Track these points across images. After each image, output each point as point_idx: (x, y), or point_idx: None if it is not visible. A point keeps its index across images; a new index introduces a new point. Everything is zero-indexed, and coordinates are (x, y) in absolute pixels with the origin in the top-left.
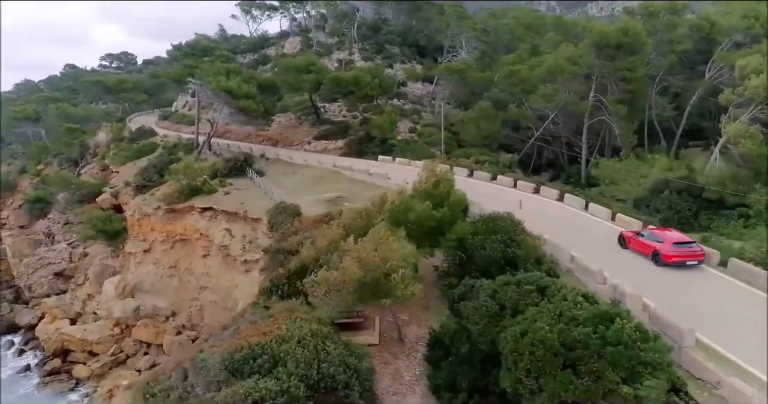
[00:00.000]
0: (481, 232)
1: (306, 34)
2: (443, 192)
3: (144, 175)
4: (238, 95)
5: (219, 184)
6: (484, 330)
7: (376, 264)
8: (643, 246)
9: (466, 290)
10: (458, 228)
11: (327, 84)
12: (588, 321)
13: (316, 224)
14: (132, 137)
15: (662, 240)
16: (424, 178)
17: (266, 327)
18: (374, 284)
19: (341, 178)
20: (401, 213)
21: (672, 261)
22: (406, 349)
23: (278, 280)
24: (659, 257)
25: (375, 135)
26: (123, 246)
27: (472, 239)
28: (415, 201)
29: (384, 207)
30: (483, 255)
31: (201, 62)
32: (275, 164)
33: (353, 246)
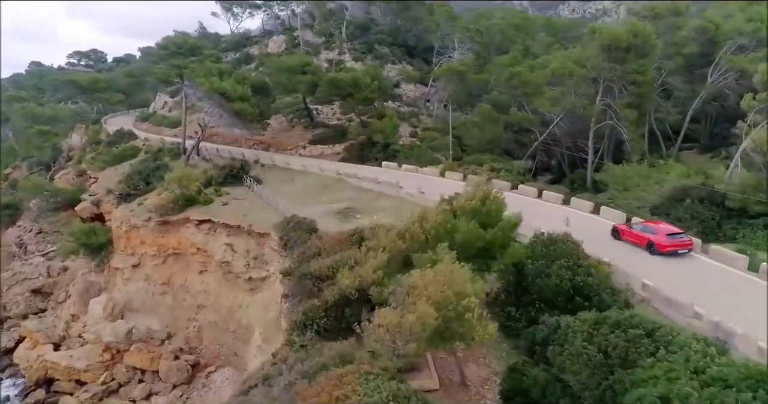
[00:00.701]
0: (540, 256)
1: (290, 32)
2: (492, 209)
3: (128, 183)
4: (232, 97)
5: (215, 193)
6: (588, 383)
7: (450, 302)
8: (638, 237)
9: (549, 331)
10: (512, 252)
11: (324, 86)
12: (741, 382)
13: (342, 243)
14: (110, 140)
15: (656, 231)
16: (468, 194)
17: (333, 388)
18: (446, 325)
19: (346, 186)
20: (445, 233)
21: (666, 250)
22: (472, 395)
23: (313, 313)
24: (654, 247)
25: (377, 140)
26: (108, 261)
27: (533, 264)
28: (461, 220)
29: (426, 228)
30: (548, 284)
31: (189, 62)
32: (272, 170)
33: (420, 280)
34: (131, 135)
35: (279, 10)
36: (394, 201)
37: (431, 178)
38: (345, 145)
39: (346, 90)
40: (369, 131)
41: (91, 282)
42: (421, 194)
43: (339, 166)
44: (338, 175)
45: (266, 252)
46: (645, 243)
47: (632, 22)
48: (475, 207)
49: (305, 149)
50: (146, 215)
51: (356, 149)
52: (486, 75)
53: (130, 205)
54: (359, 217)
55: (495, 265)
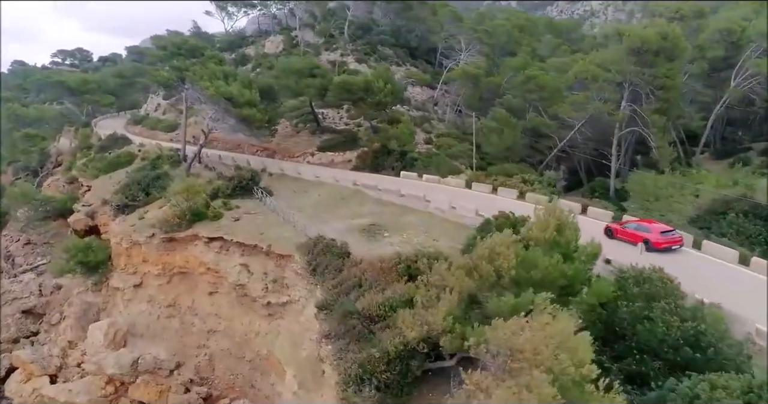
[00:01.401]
0: (634, 296)
1: (288, 32)
2: (570, 239)
3: (126, 193)
4: (239, 103)
5: (224, 207)
6: None
7: (567, 371)
8: (632, 235)
9: (684, 402)
10: (597, 289)
11: (334, 89)
12: None
13: (386, 274)
14: (102, 145)
15: (650, 230)
16: (541, 221)
17: None
18: (561, 394)
19: (365, 198)
20: (520, 269)
21: (661, 247)
22: None
23: (373, 366)
24: (650, 244)
25: (392, 147)
26: (107, 280)
27: (627, 306)
28: (538, 253)
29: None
30: (653, 331)
31: (191, 64)
32: (282, 180)
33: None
34: (125, 139)
35: (276, 9)
36: (422, 216)
37: (456, 190)
38: (357, 152)
39: (357, 94)
40: (383, 138)
41: (89, 303)
42: (452, 209)
43: (355, 176)
44: (355, 185)
45: (287, 276)
46: (640, 241)
47: (661, 23)
48: (551, 238)
49: (314, 156)
50: (149, 231)
51: (370, 157)
52: (497, 78)
53: (129, 218)
54: (387, 236)
55: (574, 304)
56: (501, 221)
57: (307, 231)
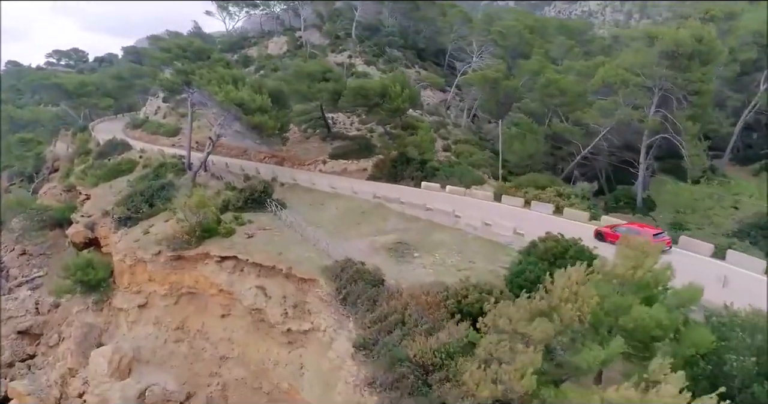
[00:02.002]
0: (743, 348)
1: (292, 33)
2: (660, 280)
3: (128, 205)
4: (250, 109)
5: (235, 221)
6: None
7: None
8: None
9: None
10: (695, 338)
11: (349, 95)
12: None
13: (433, 309)
14: (101, 151)
15: (643, 233)
16: (629, 259)
17: None
18: None
19: (388, 213)
20: (607, 316)
21: None
22: None
23: None
24: None
25: (412, 156)
26: (109, 299)
27: (737, 361)
28: (629, 298)
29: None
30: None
31: (197, 67)
32: (295, 191)
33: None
34: (125, 145)
35: (280, 9)
36: (452, 233)
37: (485, 203)
38: (373, 160)
39: (373, 100)
40: (400, 145)
41: (90, 325)
42: (485, 226)
43: (374, 187)
44: (376, 198)
45: (310, 301)
46: None
47: (695, 25)
48: (642, 280)
49: (325, 164)
50: (155, 248)
51: (388, 166)
52: (513, 81)
53: (132, 232)
54: (417, 256)
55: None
56: (550, 244)
57: (330, 252)
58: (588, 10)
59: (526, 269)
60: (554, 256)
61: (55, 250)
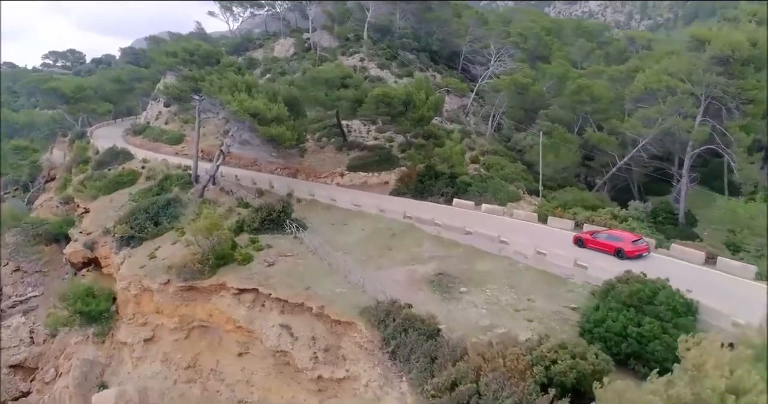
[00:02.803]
0: None
1: (299, 34)
2: None
3: (132, 223)
4: (266, 119)
5: (251, 245)
6: None
7: None
8: (604, 245)
9: None
10: None
11: (370, 103)
12: None
13: (520, 376)
14: (101, 160)
15: (622, 239)
16: None
17: None
18: None
19: (421, 236)
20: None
21: (634, 255)
22: None
23: None
24: (623, 253)
25: (441, 170)
26: (111, 331)
27: None
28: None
29: None
30: None
31: (205, 73)
32: (314, 208)
33: None
34: (126, 154)
35: (288, 9)
36: (498, 262)
37: (528, 225)
38: (394, 172)
39: (397, 108)
40: (425, 156)
41: (90, 363)
42: (540, 255)
43: (401, 204)
44: (406, 218)
45: (345, 347)
46: (613, 250)
47: (750, 28)
48: None
49: (343, 177)
50: (163, 276)
51: (414, 180)
52: (538, 86)
53: (136, 255)
54: (464, 291)
55: None
56: (635, 288)
57: (366, 286)
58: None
59: (607, 317)
60: (640, 301)
61: (51, 267)
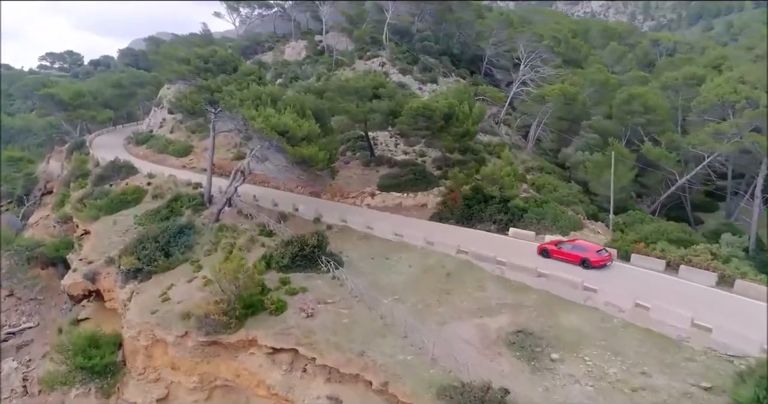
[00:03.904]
0: None
1: (311, 36)
2: None
3: (139, 254)
4: (296, 138)
5: (282, 286)
6: None
7: None
8: (570, 255)
9: None
10: None
11: (408, 116)
12: None
13: None
14: (101, 174)
15: (587, 249)
16: None
17: None
18: None
19: (482, 276)
20: None
21: (598, 264)
22: None
23: None
24: (588, 263)
25: (491, 193)
26: (118, 388)
27: None
28: None
29: None
30: None
31: (222, 82)
32: (347, 237)
33: None
34: (129, 167)
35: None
36: (588, 316)
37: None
38: (434, 193)
39: (438, 122)
40: (468, 175)
41: None
42: (640, 309)
43: (449, 233)
44: (461, 253)
45: None
46: (578, 260)
47: None
48: None
49: (374, 198)
50: (180, 326)
51: (460, 205)
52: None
53: (146, 293)
54: (557, 359)
55: None
56: None
57: (435, 351)
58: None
59: None
60: None
61: (47, 295)
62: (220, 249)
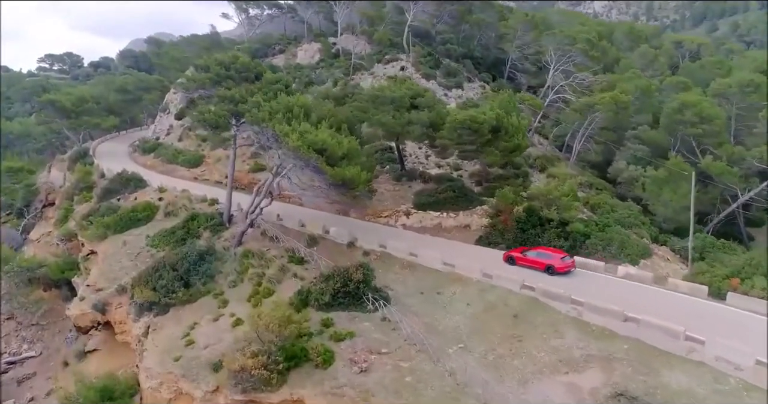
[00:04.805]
0: None
1: (324, 39)
2: None
3: (155, 283)
4: (336, 157)
5: (326, 331)
6: None
7: None
8: (535, 262)
9: None
10: None
11: (451, 129)
12: None
13: None
14: (108, 187)
15: (552, 256)
16: None
17: None
18: None
19: (556, 318)
20: None
21: (563, 271)
22: None
23: None
24: (553, 269)
25: (549, 215)
26: None
27: None
28: None
29: None
30: None
31: (246, 92)
32: (389, 266)
33: None
34: (137, 180)
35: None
36: (694, 374)
37: (698, 304)
38: (480, 214)
39: (485, 136)
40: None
41: None
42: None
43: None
44: (525, 288)
45: None
46: (543, 266)
47: None
48: None
49: (410, 217)
50: (209, 380)
51: (512, 228)
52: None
53: (164, 331)
54: None
55: None
56: None
57: None
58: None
59: None
60: None
61: (50, 319)
62: (247, 279)
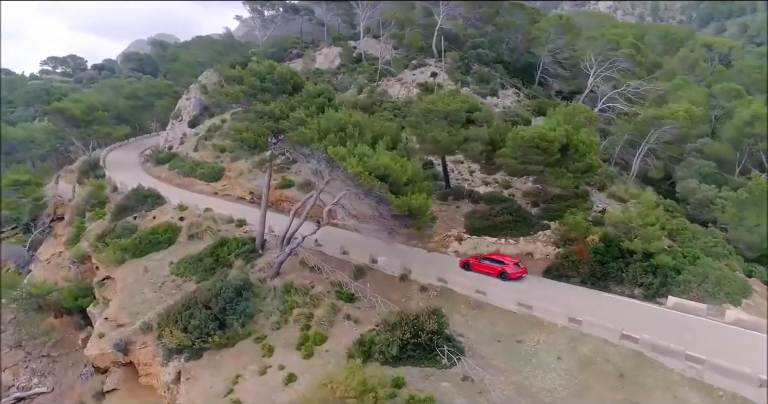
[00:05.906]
0: None
1: (345, 42)
2: None
3: (186, 322)
4: (399, 183)
5: (396, 391)
6: None
7: None
8: (489, 268)
9: None
10: None
11: (514, 148)
12: None
13: None
14: (123, 205)
15: (505, 262)
16: None
17: None
18: None
19: (671, 379)
20: None
21: (516, 276)
22: None
23: None
24: (506, 275)
25: (632, 247)
26: None
27: None
28: None
29: None
30: None
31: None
32: (454, 306)
33: None
34: (155, 196)
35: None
36: None
37: None
38: (544, 242)
39: (555, 155)
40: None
41: None
42: None
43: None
44: (626, 339)
45: None
46: (497, 272)
47: None
48: None
49: (462, 243)
50: None
51: (588, 259)
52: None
53: (200, 381)
54: None
55: None
56: None
57: None
58: None
59: None
60: None
61: (63, 350)
62: (292, 321)
